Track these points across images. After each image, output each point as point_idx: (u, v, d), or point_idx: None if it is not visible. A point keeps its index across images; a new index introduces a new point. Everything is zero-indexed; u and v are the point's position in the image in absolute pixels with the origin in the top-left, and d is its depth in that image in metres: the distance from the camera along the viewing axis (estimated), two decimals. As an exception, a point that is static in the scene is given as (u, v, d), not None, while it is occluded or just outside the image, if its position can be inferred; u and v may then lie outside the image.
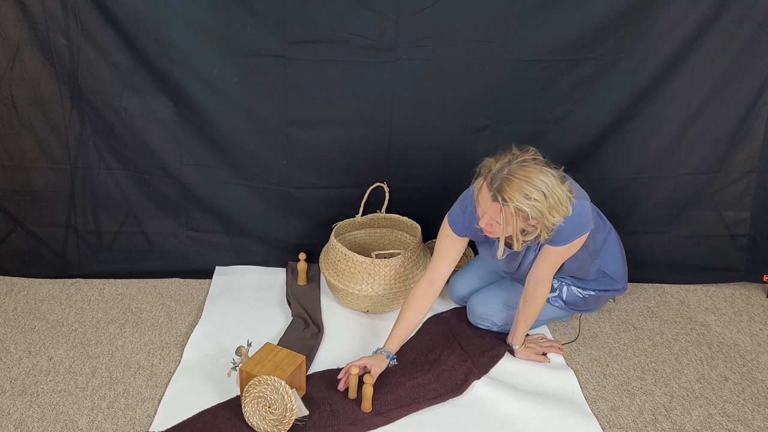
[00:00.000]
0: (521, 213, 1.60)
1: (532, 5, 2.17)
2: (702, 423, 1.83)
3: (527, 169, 1.60)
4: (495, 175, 1.62)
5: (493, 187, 1.61)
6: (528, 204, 1.58)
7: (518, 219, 1.62)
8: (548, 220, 1.63)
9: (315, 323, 2.18)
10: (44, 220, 2.42)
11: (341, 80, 2.26)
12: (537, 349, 2.05)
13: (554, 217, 1.63)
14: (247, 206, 2.46)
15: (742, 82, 2.30)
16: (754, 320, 2.32)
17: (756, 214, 2.47)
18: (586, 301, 2.07)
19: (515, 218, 1.61)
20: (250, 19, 2.16)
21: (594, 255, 1.97)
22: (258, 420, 1.71)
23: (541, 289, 1.92)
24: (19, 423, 1.74)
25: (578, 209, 1.74)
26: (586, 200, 1.82)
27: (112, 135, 2.32)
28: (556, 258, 1.86)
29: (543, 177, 1.60)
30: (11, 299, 2.31)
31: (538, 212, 1.60)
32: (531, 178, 1.59)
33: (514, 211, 1.60)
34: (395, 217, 2.47)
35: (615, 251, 2.04)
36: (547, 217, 1.61)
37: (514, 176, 1.59)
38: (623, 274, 2.09)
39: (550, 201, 1.60)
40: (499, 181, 1.61)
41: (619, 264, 2.06)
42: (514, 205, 1.58)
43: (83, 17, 2.14)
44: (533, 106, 2.32)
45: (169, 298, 2.36)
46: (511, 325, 2.07)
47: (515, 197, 1.58)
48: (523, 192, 1.58)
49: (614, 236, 2.05)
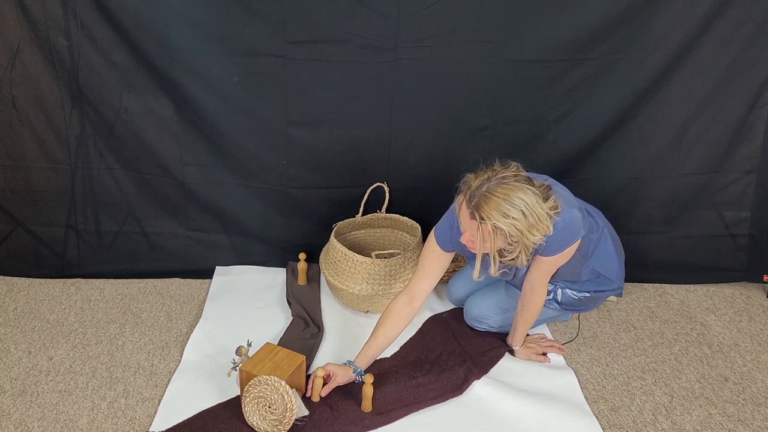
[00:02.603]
0: (499, 231, 1.58)
1: (532, 5, 2.17)
2: (702, 423, 1.83)
3: (507, 186, 1.58)
4: (474, 193, 1.60)
5: (471, 205, 1.59)
6: (506, 222, 1.55)
7: (496, 237, 1.60)
8: (528, 239, 1.60)
9: (315, 323, 2.18)
10: (44, 220, 2.42)
11: (341, 80, 2.26)
12: (537, 349, 2.05)
13: (534, 236, 1.60)
14: (247, 206, 2.46)
15: (742, 82, 2.30)
16: (754, 320, 2.32)
17: (756, 214, 2.46)
18: (582, 301, 2.06)
19: (492, 237, 1.59)
20: (250, 19, 2.16)
21: (585, 257, 1.94)
22: (258, 420, 1.71)
23: (537, 295, 1.91)
24: (19, 423, 1.74)
25: (567, 219, 1.72)
26: (574, 207, 1.78)
27: (112, 135, 2.32)
28: (549, 267, 1.85)
29: (522, 195, 1.57)
30: (11, 299, 2.31)
31: (516, 231, 1.57)
32: (510, 196, 1.56)
33: (491, 229, 1.58)
34: (395, 217, 2.47)
35: (609, 251, 2.01)
36: (527, 236, 1.59)
37: (493, 194, 1.57)
38: (619, 273, 2.05)
39: (530, 220, 1.57)
40: (477, 198, 1.59)
41: (615, 263, 2.03)
42: (492, 223, 1.56)
43: (83, 17, 2.14)
44: (533, 106, 2.32)
45: (169, 298, 2.36)
46: (510, 326, 2.07)
47: (493, 215, 1.56)
48: (501, 210, 1.55)
49: (609, 236, 2.02)
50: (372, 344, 1.87)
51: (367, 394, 1.77)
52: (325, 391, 1.82)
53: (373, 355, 1.88)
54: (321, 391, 1.81)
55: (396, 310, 1.88)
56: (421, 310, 2.28)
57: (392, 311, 1.88)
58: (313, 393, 1.81)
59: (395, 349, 2.08)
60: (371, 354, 1.87)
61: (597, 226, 1.98)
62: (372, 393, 1.78)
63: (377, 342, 1.87)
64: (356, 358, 1.87)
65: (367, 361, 1.87)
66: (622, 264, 2.08)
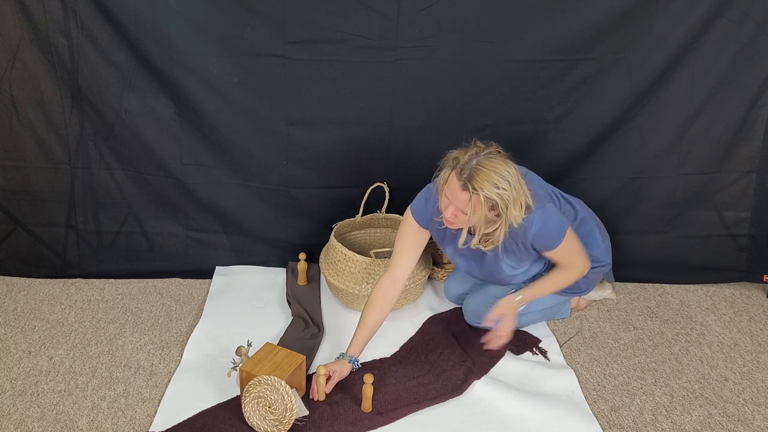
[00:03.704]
0: (489, 201, 1.67)
1: (532, 5, 2.17)
2: (702, 423, 1.83)
3: (495, 160, 1.69)
4: (464, 166, 1.68)
5: (463, 177, 1.67)
6: (496, 192, 1.65)
7: (485, 208, 1.68)
8: (511, 213, 1.69)
9: (315, 323, 2.18)
10: (44, 220, 2.42)
11: (341, 80, 2.26)
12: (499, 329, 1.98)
13: (516, 210, 1.70)
14: (247, 206, 2.46)
15: (742, 82, 2.30)
16: (754, 320, 2.32)
17: (756, 214, 2.46)
18: (578, 283, 2.09)
19: (483, 207, 1.68)
20: (250, 19, 2.16)
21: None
22: (258, 420, 1.71)
23: (574, 271, 1.97)
24: (19, 423, 1.74)
25: (545, 216, 1.81)
26: (548, 201, 1.88)
27: (112, 135, 2.32)
28: (563, 252, 1.90)
29: (508, 168, 1.69)
30: (11, 299, 2.31)
31: (503, 201, 1.67)
32: (498, 168, 1.67)
33: (483, 199, 1.66)
34: (395, 217, 2.47)
35: (594, 234, 2.08)
36: (511, 209, 1.68)
37: (483, 166, 1.66)
38: (605, 251, 2.12)
39: (515, 191, 1.68)
40: (468, 171, 1.67)
41: (599, 243, 2.10)
42: (484, 194, 1.65)
43: (83, 17, 2.14)
44: (533, 106, 2.32)
45: (169, 298, 2.36)
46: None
47: (485, 186, 1.65)
48: (492, 181, 1.65)
49: (587, 217, 2.09)
50: (362, 332, 1.92)
51: (367, 394, 1.77)
52: (329, 387, 1.83)
53: (365, 342, 1.93)
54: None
55: (381, 294, 1.95)
56: (421, 310, 2.29)
57: (378, 295, 1.94)
58: (318, 392, 1.81)
59: (395, 349, 2.08)
60: (362, 341, 1.92)
61: (574, 210, 2.07)
62: (372, 393, 1.78)
63: (367, 328, 1.92)
64: (348, 349, 1.91)
65: (360, 349, 1.92)
66: (606, 242, 2.14)
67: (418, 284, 2.25)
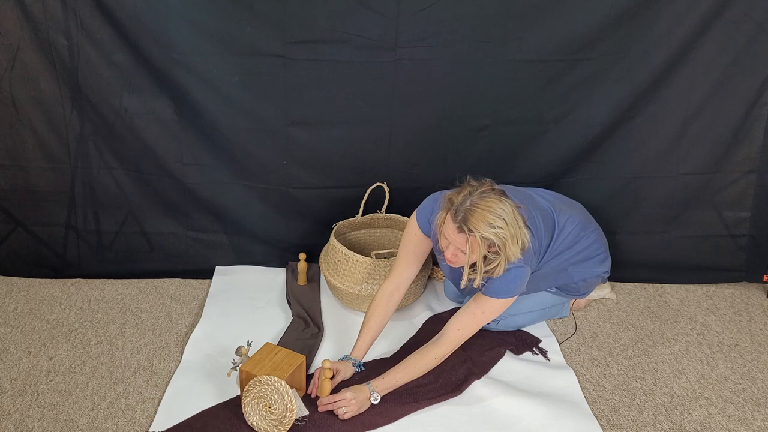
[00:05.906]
0: (486, 241, 1.64)
1: (532, 5, 2.17)
2: (702, 423, 1.83)
3: (488, 199, 1.66)
4: (458, 207, 1.66)
5: (458, 219, 1.66)
6: (492, 232, 1.63)
7: (483, 248, 1.67)
8: (509, 249, 1.67)
9: (315, 323, 2.18)
10: (44, 220, 2.42)
11: (341, 80, 2.26)
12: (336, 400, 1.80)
13: (515, 245, 1.67)
14: (247, 206, 2.46)
15: (742, 82, 2.30)
16: (754, 320, 2.32)
17: (756, 214, 2.46)
18: (578, 285, 2.11)
19: (481, 247, 1.66)
20: (250, 19, 2.16)
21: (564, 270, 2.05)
22: (258, 420, 1.71)
23: (444, 349, 1.84)
24: (19, 423, 1.74)
25: (517, 274, 1.77)
26: (530, 262, 1.83)
27: (112, 135, 2.32)
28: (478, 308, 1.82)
29: (503, 206, 1.65)
30: (11, 299, 2.31)
31: (501, 240, 1.64)
32: (492, 207, 1.64)
33: (480, 240, 1.64)
34: (395, 217, 2.47)
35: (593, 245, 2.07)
36: (509, 245, 1.66)
37: (477, 207, 1.64)
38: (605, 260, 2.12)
39: (512, 228, 1.65)
40: (462, 213, 1.65)
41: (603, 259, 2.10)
42: (480, 234, 1.63)
43: (83, 17, 2.14)
44: (533, 106, 2.32)
45: (169, 298, 2.36)
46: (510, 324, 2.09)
47: (480, 227, 1.62)
48: (487, 221, 1.62)
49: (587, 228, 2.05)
50: (366, 335, 1.93)
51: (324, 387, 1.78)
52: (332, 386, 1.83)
53: (368, 346, 1.95)
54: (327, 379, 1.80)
55: (385, 298, 1.97)
56: (421, 310, 2.29)
57: (381, 300, 1.96)
58: (321, 389, 1.81)
59: (395, 349, 2.08)
60: (366, 345, 1.94)
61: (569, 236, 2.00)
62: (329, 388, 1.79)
63: (371, 332, 1.94)
64: (352, 352, 1.93)
65: (363, 353, 1.94)
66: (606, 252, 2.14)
67: (418, 284, 2.25)
